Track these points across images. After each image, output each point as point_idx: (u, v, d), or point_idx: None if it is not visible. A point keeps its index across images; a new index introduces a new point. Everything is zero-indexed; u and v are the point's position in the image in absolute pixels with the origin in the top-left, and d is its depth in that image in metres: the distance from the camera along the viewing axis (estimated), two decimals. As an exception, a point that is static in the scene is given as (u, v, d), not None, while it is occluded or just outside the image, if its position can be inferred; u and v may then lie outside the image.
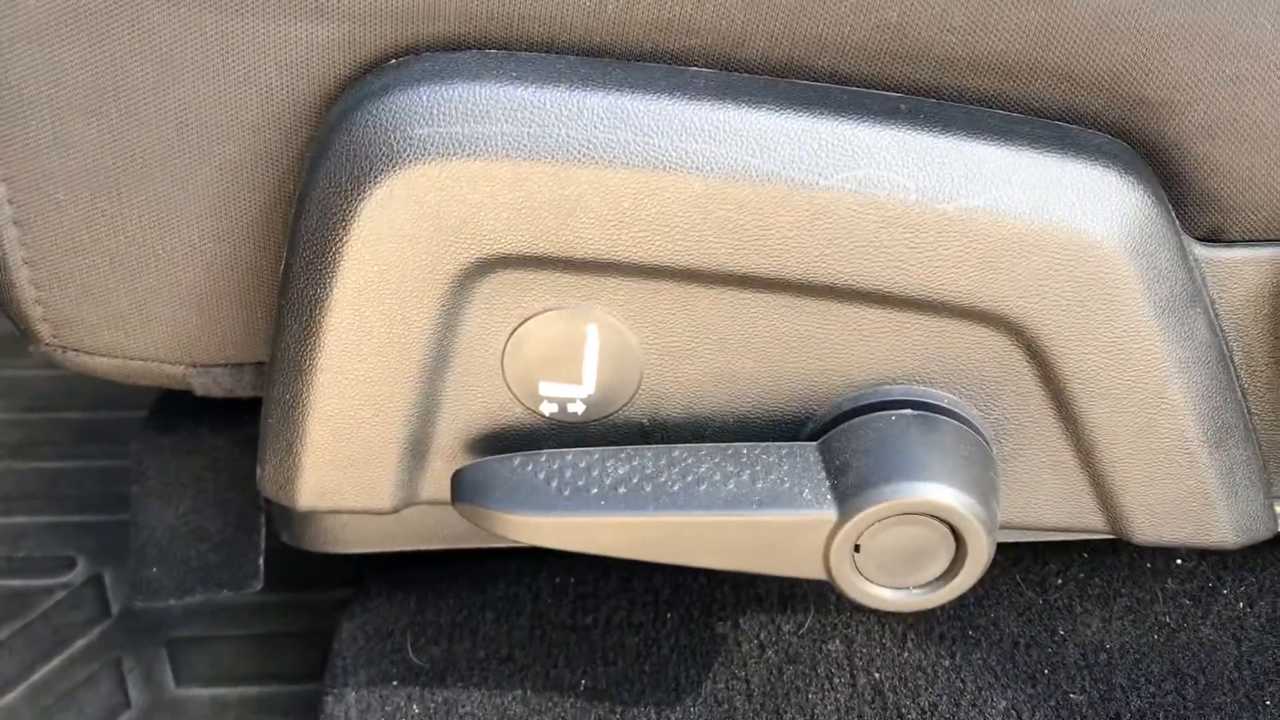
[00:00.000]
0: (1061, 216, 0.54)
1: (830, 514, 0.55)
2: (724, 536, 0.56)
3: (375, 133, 0.53)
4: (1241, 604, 0.71)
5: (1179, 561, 0.73)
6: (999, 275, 0.55)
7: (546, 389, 0.59)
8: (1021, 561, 0.74)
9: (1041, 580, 0.73)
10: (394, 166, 0.53)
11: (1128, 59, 0.53)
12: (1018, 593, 0.73)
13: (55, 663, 0.85)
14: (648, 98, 0.53)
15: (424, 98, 0.53)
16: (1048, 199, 0.54)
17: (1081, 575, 0.73)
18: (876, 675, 0.68)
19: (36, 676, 0.84)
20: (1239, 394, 0.61)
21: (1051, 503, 0.62)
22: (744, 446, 0.57)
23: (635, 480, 0.56)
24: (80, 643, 0.86)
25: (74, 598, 0.89)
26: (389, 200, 0.53)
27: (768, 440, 0.60)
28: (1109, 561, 0.74)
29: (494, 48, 0.54)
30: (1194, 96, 0.54)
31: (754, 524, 0.55)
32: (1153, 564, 0.73)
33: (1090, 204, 0.54)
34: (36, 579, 0.91)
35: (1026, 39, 0.53)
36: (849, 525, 0.55)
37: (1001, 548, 0.73)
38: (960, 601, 0.72)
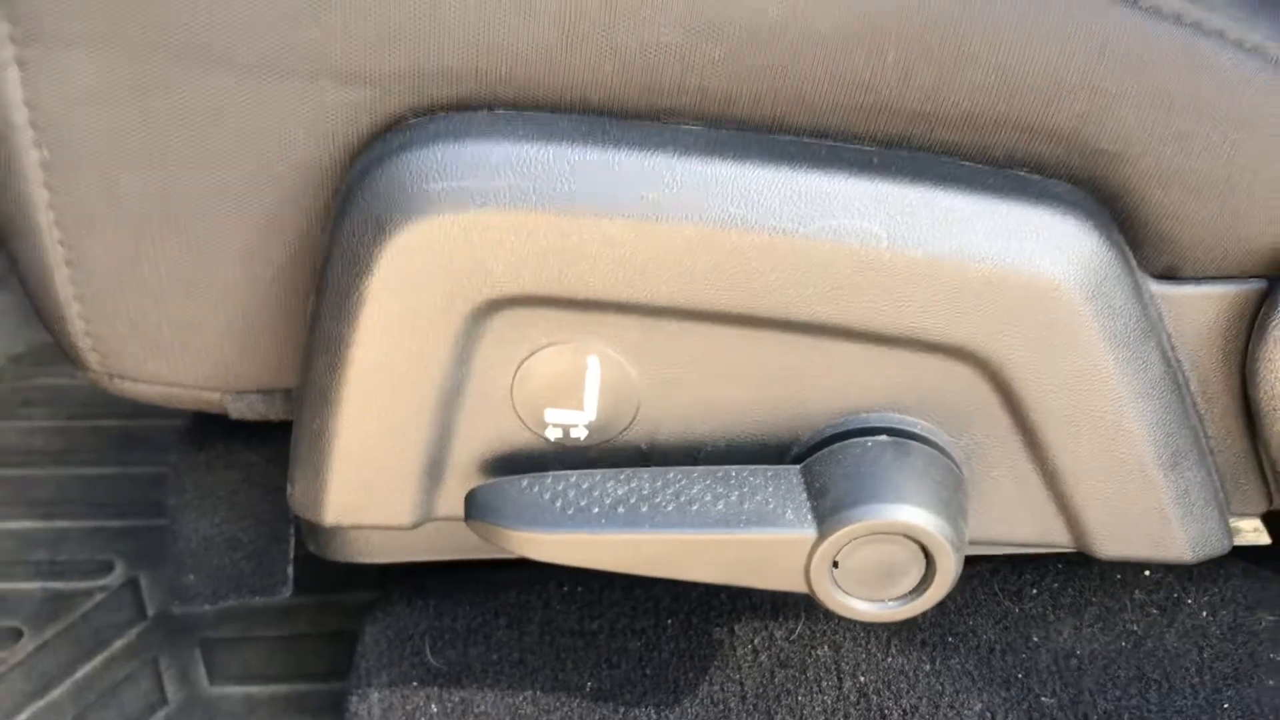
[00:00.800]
0: (1023, 260, 0.58)
1: (810, 533, 0.60)
2: (714, 553, 0.61)
3: (395, 186, 0.58)
4: (1204, 613, 0.75)
5: (1147, 573, 0.78)
6: (966, 314, 0.59)
7: (552, 416, 0.64)
8: (999, 572, 0.79)
9: (1018, 590, 0.78)
10: (412, 217, 0.58)
11: (1083, 115, 0.58)
12: (995, 602, 0.77)
13: (96, 661, 0.89)
14: (642, 153, 0.58)
15: (439, 155, 0.58)
16: (1010, 244, 0.58)
17: (1055, 585, 0.78)
18: (862, 679, 0.73)
19: (79, 674, 0.89)
20: (1195, 420, 0.66)
21: (1020, 520, 0.67)
22: (733, 469, 0.62)
23: (633, 500, 0.61)
24: (119, 642, 0.91)
25: (113, 600, 0.94)
26: (408, 247, 0.58)
27: (755, 463, 0.65)
28: (1081, 573, 0.78)
29: (502, 108, 0.60)
30: (1145, 149, 0.59)
31: (741, 542, 0.60)
32: (1122, 575, 0.78)
33: (1049, 248, 0.58)
34: (77, 581, 0.95)
35: (988, 96, 0.58)
36: (827, 543, 0.60)
37: (980, 559, 0.78)
38: (941, 610, 0.76)
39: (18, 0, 0.57)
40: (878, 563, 0.61)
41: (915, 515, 0.59)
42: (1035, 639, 0.75)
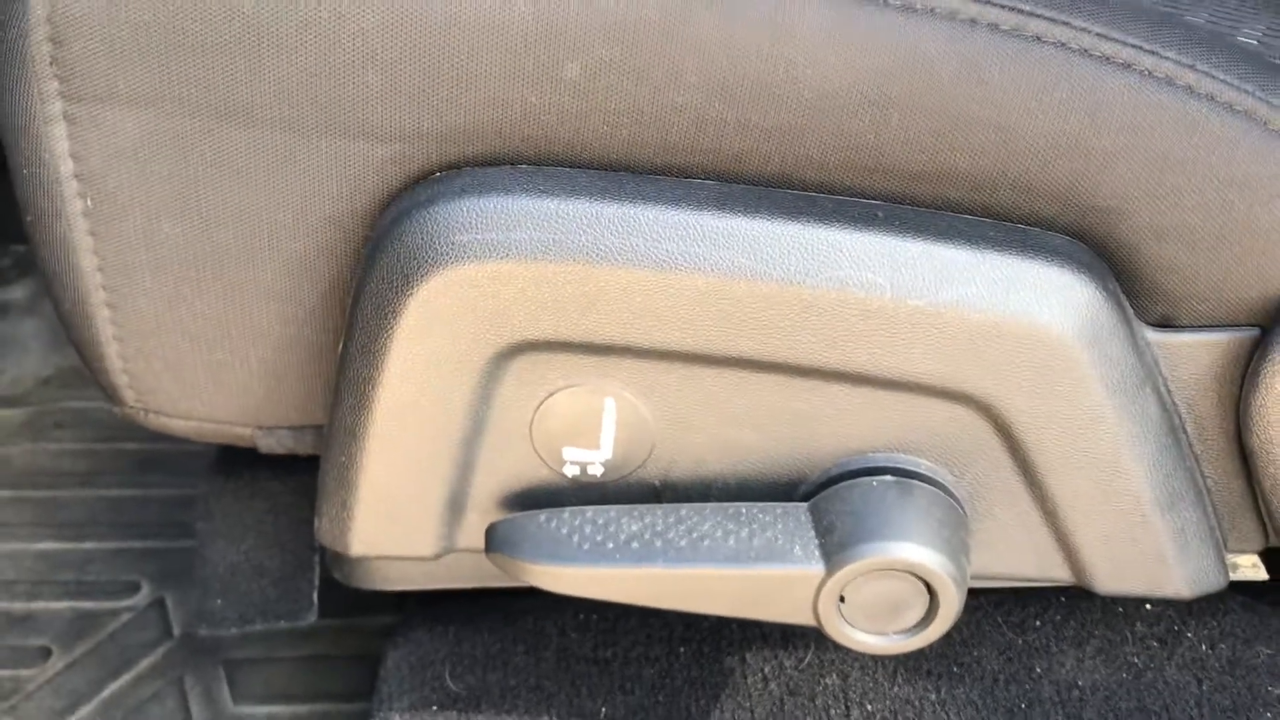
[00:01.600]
0: (1022, 310, 0.61)
1: (819, 569, 0.62)
2: (725, 587, 0.63)
3: (423, 238, 0.61)
4: (1204, 646, 0.77)
5: (1148, 607, 0.80)
6: (967, 361, 0.62)
7: (569, 454, 0.67)
8: (1003, 605, 0.81)
9: (1021, 622, 0.80)
10: (438, 267, 0.60)
11: (1079, 173, 0.60)
12: (999, 633, 0.79)
13: (123, 680, 0.92)
14: (656, 207, 0.61)
15: (464, 208, 0.60)
16: (1009, 295, 0.61)
17: (1058, 618, 0.80)
18: (869, 708, 0.75)
19: (106, 692, 0.91)
20: (1192, 462, 0.68)
21: (1022, 556, 0.69)
22: (743, 506, 0.64)
23: (647, 536, 0.64)
24: (145, 661, 0.93)
25: (139, 620, 0.96)
26: (434, 295, 0.61)
27: (765, 500, 0.67)
28: (1084, 605, 0.80)
29: (525, 164, 0.62)
30: (1139, 205, 0.61)
31: (751, 577, 0.63)
32: (1123, 609, 0.80)
33: (1047, 299, 0.61)
34: (104, 601, 0.98)
35: (987, 157, 0.60)
36: (834, 579, 0.62)
37: (985, 592, 0.80)
38: (946, 641, 0.78)
39: (68, 60, 0.60)
40: (883, 598, 0.63)
41: (918, 553, 0.62)
42: (1038, 670, 0.77)
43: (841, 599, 0.63)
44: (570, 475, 0.67)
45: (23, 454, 1.13)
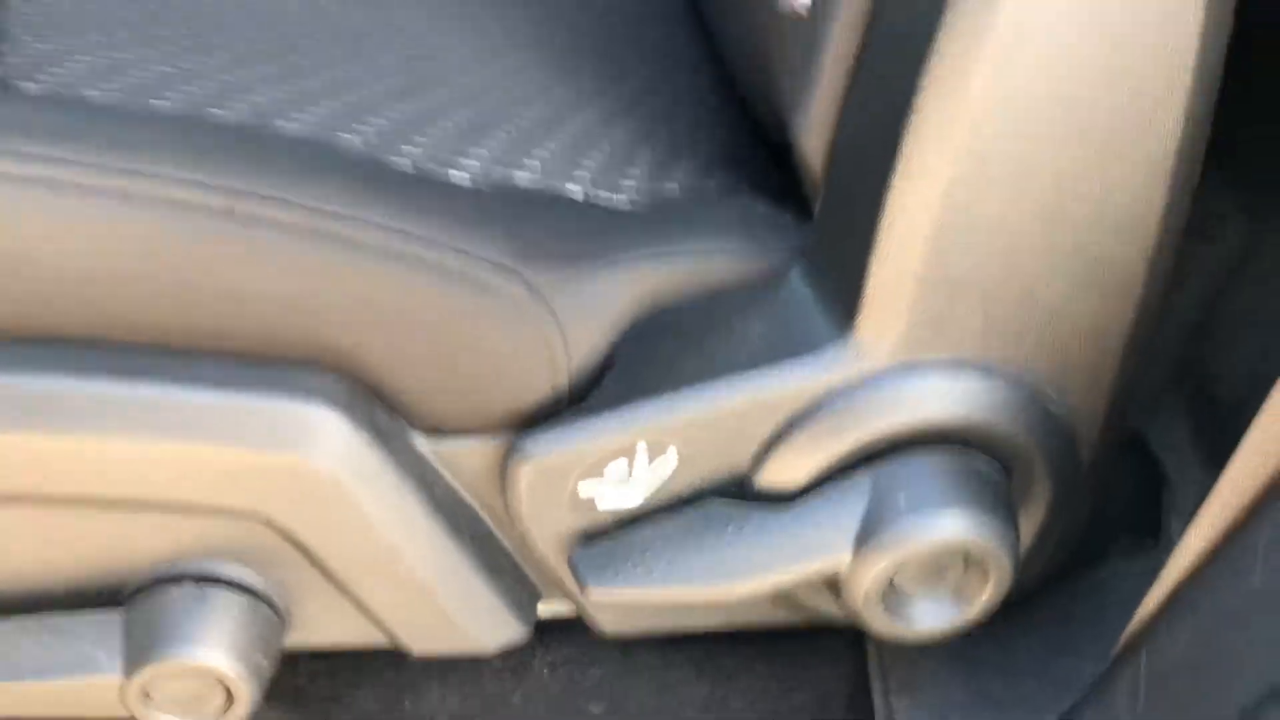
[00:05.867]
0: (280, 446, 0.69)
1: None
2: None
3: None
4: (546, 672, 0.90)
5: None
6: (242, 490, 0.70)
7: None
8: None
9: (399, 660, 0.90)
10: None
11: (313, 329, 0.69)
12: (377, 672, 0.89)
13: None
14: None
15: None
16: (267, 433, 0.69)
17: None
18: None
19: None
20: (493, 539, 0.78)
21: (344, 628, 0.79)
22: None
23: None
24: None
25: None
26: None
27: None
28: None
29: None
30: (369, 336, 0.70)
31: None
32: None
33: (300, 434, 0.70)
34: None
35: (228, 319, 0.69)
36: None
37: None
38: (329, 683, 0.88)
39: None
40: (186, 692, 0.72)
41: (208, 655, 0.71)
42: (407, 705, 0.88)
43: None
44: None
45: None
